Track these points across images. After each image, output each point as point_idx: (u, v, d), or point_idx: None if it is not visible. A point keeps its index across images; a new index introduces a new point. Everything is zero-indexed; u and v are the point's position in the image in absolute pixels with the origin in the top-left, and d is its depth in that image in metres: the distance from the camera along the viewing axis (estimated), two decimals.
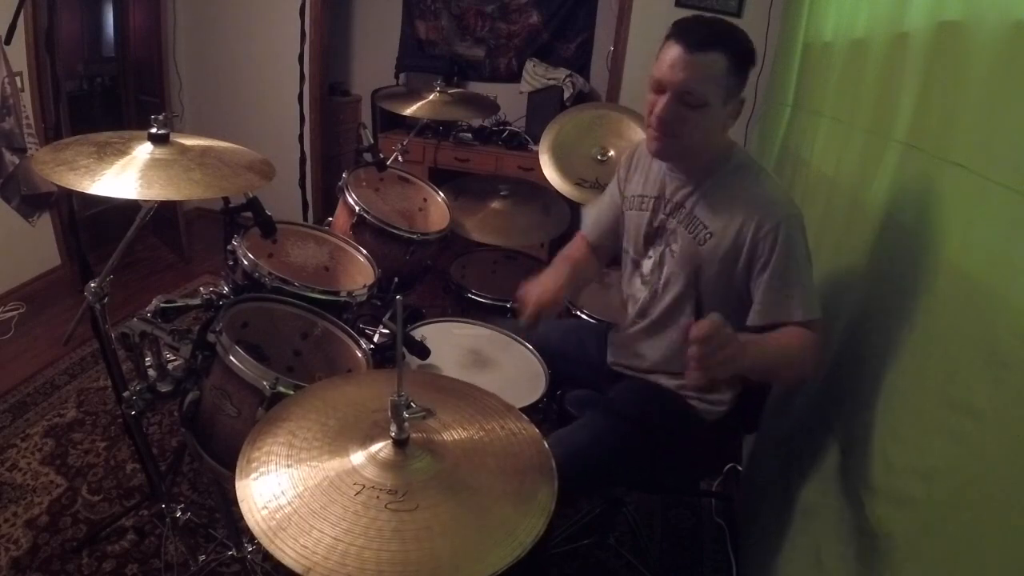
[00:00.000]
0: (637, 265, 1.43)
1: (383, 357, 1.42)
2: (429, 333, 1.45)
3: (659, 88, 1.21)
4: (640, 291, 1.42)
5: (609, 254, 1.57)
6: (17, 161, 2.75)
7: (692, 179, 1.31)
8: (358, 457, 0.83)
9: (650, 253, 1.40)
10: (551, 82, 3.66)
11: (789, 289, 1.18)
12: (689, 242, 1.29)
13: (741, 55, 1.18)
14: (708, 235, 1.27)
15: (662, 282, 1.36)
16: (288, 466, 0.82)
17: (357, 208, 1.92)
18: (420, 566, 0.70)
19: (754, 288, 1.22)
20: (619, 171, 1.52)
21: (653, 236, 1.39)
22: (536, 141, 2.99)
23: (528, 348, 1.54)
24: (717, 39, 1.16)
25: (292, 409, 0.94)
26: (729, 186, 1.27)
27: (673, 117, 1.20)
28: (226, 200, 1.51)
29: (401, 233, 1.95)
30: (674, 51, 1.17)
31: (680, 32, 1.18)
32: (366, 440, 0.86)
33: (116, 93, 3.75)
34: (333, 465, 0.82)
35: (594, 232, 1.56)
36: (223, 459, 1.22)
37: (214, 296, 1.35)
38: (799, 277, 1.19)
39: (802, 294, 1.18)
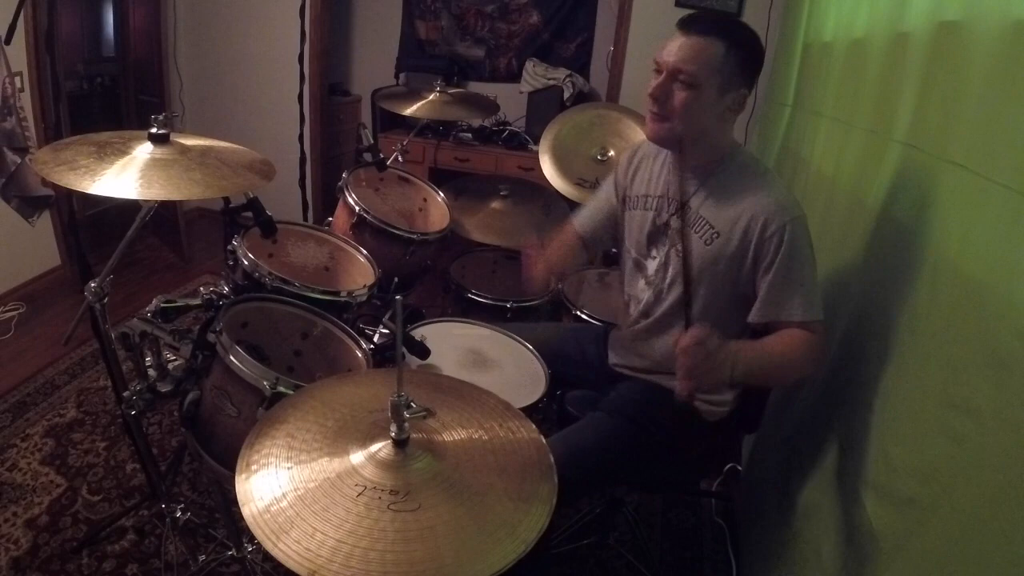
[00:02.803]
0: (640, 266, 1.43)
1: (383, 357, 1.42)
2: (429, 333, 1.45)
3: (657, 69, 1.25)
4: (644, 291, 1.42)
5: (596, 251, 1.57)
6: (19, 161, 2.75)
7: (696, 178, 1.31)
8: (358, 458, 0.83)
9: (654, 253, 1.40)
10: (551, 82, 3.66)
11: (791, 289, 1.19)
12: (696, 242, 1.29)
13: (742, 47, 1.20)
14: (715, 235, 1.27)
15: (667, 282, 1.36)
16: (288, 468, 0.82)
17: (357, 208, 1.92)
18: (424, 566, 0.70)
19: (759, 288, 1.23)
20: (617, 170, 1.52)
21: (657, 236, 1.38)
22: (536, 141, 2.98)
23: (528, 348, 1.54)
24: (716, 26, 1.19)
25: (290, 411, 0.93)
26: (734, 186, 1.27)
27: (664, 94, 1.22)
28: (226, 200, 1.51)
29: (401, 233, 1.95)
30: (675, 36, 1.22)
31: (684, 20, 1.22)
32: (366, 441, 0.85)
33: (116, 93, 3.75)
34: (333, 466, 0.82)
35: (587, 227, 1.55)
36: (223, 459, 1.22)
37: (214, 296, 1.35)
38: (801, 278, 1.19)
39: (803, 295, 1.19)
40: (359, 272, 1.77)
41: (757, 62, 1.23)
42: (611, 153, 2.23)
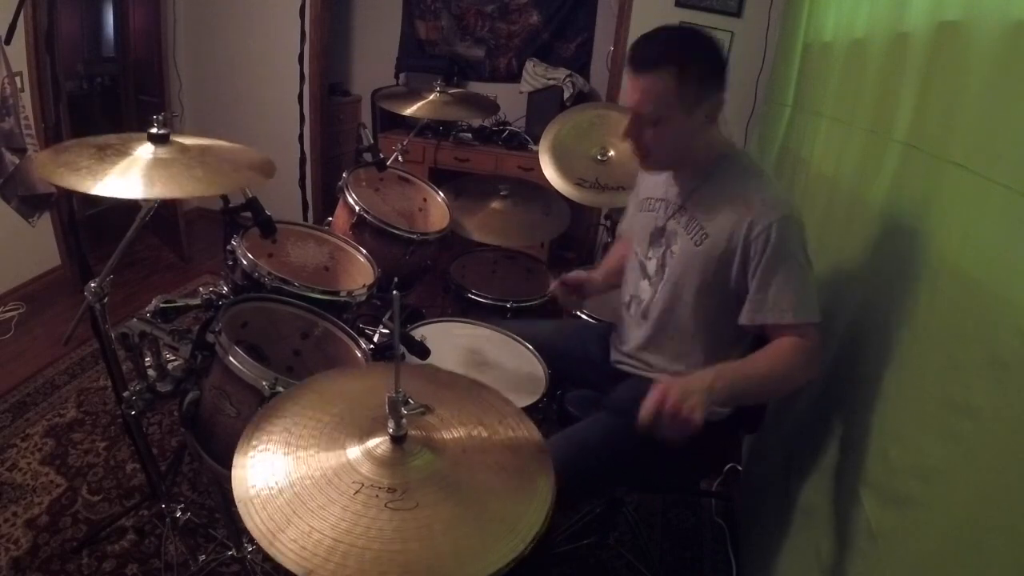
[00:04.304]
0: (643, 266, 1.45)
1: (383, 357, 1.42)
2: (429, 333, 1.45)
3: (627, 110, 1.26)
4: (645, 291, 1.43)
5: None
6: (17, 161, 2.74)
7: (691, 182, 1.33)
8: (355, 454, 0.83)
9: (651, 254, 1.41)
10: (551, 82, 3.66)
11: (780, 290, 1.18)
12: (687, 243, 1.31)
13: (695, 62, 1.18)
14: (704, 236, 1.27)
15: (663, 282, 1.37)
16: (284, 465, 0.81)
17: (357, 208, 1.92)
18: (423, 565, 0.70)
19: (749, 288, 1.22)
20: (639, 174, 1.57)
21: (656, 237, 1.40)
22: (536, 141, 2.98)
23: (528, 348, 1.54)
24: (662, 55, 1.17)
25: (287, 406, 0.93)
26: (726, 187, 1.27)
27: (636, 136, 1.25)
28: (226, 200, 1.51)
29: (401, 233, 1.95)
30: (627, 74, 1.22)
31: (630, 53, 1.22)
32: (363, 437, 0.85)
33: (116, 93, 3.75)
34: (331, 463, 0.82)
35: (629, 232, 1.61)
36: (223, 459, 1.21)
37: (214, 296, 1.35)
38: (792, 278, 1.17)
39: (795, 295, 1.17)
40: (359, 272, 1.77)
41: (718, 65, 1.21)
42: (611, 153, 2.22)
